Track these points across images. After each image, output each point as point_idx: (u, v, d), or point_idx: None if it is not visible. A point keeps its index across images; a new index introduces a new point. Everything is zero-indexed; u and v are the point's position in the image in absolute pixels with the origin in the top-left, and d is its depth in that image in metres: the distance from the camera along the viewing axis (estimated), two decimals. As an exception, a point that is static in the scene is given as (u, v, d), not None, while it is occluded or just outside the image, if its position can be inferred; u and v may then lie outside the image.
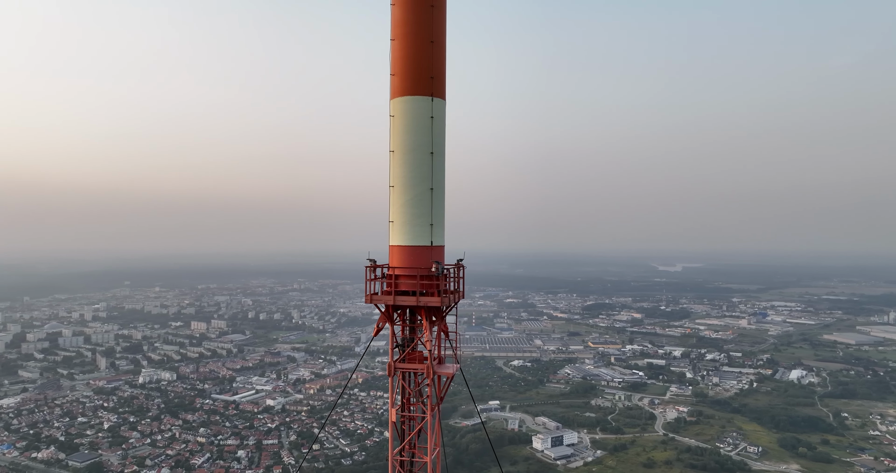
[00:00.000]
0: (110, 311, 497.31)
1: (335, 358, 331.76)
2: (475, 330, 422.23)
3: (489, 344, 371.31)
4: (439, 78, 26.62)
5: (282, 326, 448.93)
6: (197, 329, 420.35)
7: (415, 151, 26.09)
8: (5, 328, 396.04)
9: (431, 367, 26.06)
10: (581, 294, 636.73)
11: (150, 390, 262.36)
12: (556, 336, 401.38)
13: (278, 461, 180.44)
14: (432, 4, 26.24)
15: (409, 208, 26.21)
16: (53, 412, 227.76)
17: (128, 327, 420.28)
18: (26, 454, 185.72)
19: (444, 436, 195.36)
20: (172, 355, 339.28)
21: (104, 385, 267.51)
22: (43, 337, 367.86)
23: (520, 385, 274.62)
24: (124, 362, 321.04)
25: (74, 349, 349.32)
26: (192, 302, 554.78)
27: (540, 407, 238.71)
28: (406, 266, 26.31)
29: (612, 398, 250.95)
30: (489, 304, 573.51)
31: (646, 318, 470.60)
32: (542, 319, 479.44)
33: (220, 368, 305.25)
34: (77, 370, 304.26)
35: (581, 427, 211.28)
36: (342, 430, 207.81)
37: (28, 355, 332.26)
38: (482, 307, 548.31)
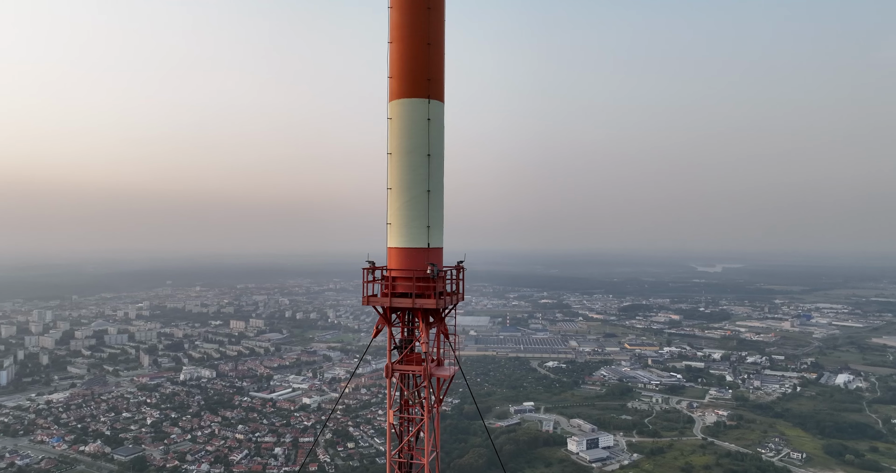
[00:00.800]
0: (153, 309, 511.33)
1: (370, 358, 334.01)
2: (509, 331, 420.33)
3: (524, 345, 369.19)
4: (437, 80, 26.57)
5: (318, 325, 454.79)
6: (236, 328, 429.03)
7: (411, 153, 26.11)
8: (55, 325, 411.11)
9: (428, 369, 26.03)
10: (617, 295, 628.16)
11: (190, 387, 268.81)
12: (591, 338, 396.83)
13: (314, 458, 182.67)
14: (429, 6, 26.17)
15: (406, 211, 26.23)
16: (100, 407, 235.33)
17: (170, 325, 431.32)
18: (74, 447, 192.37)
19: (478, 437, 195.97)
20: (212, 353, 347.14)
21: (147, 382, 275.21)
22: (90, 334, 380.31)
23: (554, 387, 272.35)
24: (166, 359, 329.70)
25: (119, 346, 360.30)
26: (231, 301, 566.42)
27: (575, 409, 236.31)
28: (403, 268, 26.33)
29: (649, 400, 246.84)
30: (524, 304, 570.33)
31: (684, 320, 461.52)
32: (578, 320, 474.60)
33: (257, 366, 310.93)
34: (122, 366, 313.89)
35: (617, 430, 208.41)
36: (377, 429, 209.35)
37: (76, 351, 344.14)
38: (516, 308, 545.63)
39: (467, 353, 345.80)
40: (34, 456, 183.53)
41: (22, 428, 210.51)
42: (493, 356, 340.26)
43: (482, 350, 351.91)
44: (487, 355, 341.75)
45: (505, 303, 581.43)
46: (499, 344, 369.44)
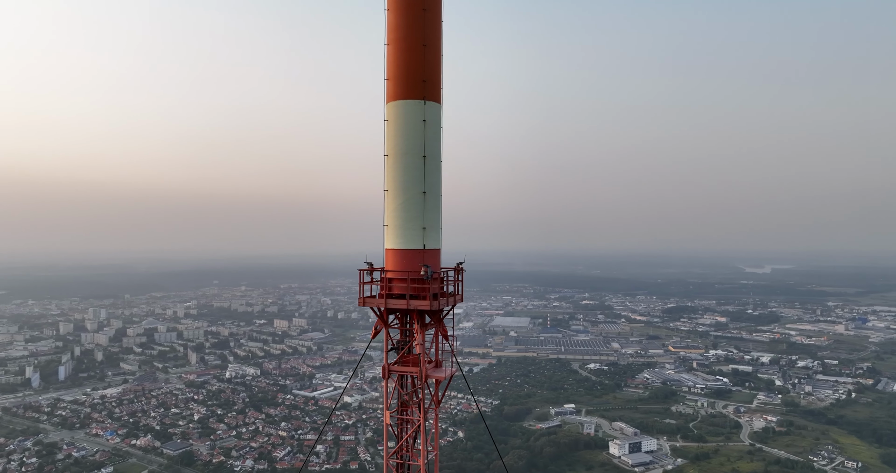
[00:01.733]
0: (200, 308, 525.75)
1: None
2: (550, 332, 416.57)
3: (564, 346, 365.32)
4: (433, 81, 26.55)
5: (359, 325, 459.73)
6: (279, 327, 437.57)
7: (407, 154, 26.16)
8: (109, 323, 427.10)
9: (423, 370, 25.97)
10: (661, 296, 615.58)
11: (235, 384, 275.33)
12: (634, 340, 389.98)
13: (354, 456, 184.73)
14: (425, 8, 26.13)
15: (402, 212, 26.28)
16: (150, 402, 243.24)
17: (216, 324, 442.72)
18: (126, 440, 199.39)
19: (518, 438, 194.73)
20: (256, 351, 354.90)
21: (195, 379, 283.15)
22: (141, 332, 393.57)
23: (596, 389, 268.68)
24: (213, 357, 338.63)
25: (168, 344, 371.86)
26: (275, 301, 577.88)
27: (617, 412, 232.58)
28: (399, 270, 26.34)
29: (694, 404, 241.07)
30: (565, 305, 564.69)
31: (731, 322, 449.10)
32: (620, 321, 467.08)
33: (300, 365, 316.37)
34: (171, 363, 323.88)
35: (660, 434, 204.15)
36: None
37: (128, 348, 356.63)
38: (557, 309, 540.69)
39: (507, 354, 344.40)
40: (90, 449, 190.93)
41: (78, 421, 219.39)
42: (533, 357, 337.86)
43: (522, 351, 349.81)
44: (528, 356, 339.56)
45: (545, 304, 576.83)
46: (539, 345, 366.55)
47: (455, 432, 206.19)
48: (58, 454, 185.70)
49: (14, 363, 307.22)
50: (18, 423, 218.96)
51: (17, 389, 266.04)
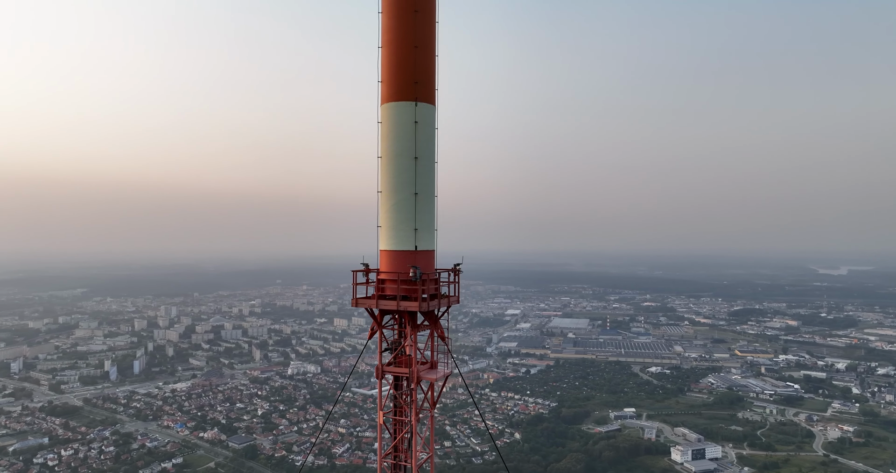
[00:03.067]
0: (264, 307, 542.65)
1: (467, 358, 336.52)
2: (609, 334, 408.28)
3: (624, 349, 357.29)
4: (425, 83, 26.44)
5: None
6: (339, 326, 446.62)
7: (399, 156, 26.19)
8: (179, 320, 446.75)
9: (415, 371, 25.94)
10: (727, 299, 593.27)
11: (297, 381, 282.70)
12: (698, 343, 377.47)
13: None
14: (416, 9, 26.06)
15: (394, 213, 26.33)
16: (216, 397, 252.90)
17: (279, 322, 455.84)
18: (195, 433, 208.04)
19: (576, 442, 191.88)
20: (317, 349, 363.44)
21: (258, 375, 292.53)
22: (209, 329, 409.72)
23: (657, 393, 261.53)
24: (276, 354, 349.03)
25: (234, 341, 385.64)
26: (335, 300, 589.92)
27: (679, 417, 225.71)
28: (391, 271, 26.40)
29: (762, 411, 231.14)
30: (625, 307, 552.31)
31: (802, 326, 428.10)
32: (683, 324, 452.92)
33: (359, 363, 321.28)
34: (236, 360, 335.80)
35: (726, 441, 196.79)
36: (473, 429, 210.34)
37: (197, 345, 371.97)
38: (617, 310, 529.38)
39: (565, 355, 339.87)
40: (161, 440, 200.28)
41: (151, 414, 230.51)
42: (592, 359, 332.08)
43: (581, 353, 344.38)
44: (586, 358, 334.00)
45: (605, 305, 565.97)
46: (598, 348, 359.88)
47: (512, 433, 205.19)
48: (133, 443, 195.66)
49: (94, 356, 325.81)
50: (98, 413, 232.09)
51: (97, 381, 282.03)
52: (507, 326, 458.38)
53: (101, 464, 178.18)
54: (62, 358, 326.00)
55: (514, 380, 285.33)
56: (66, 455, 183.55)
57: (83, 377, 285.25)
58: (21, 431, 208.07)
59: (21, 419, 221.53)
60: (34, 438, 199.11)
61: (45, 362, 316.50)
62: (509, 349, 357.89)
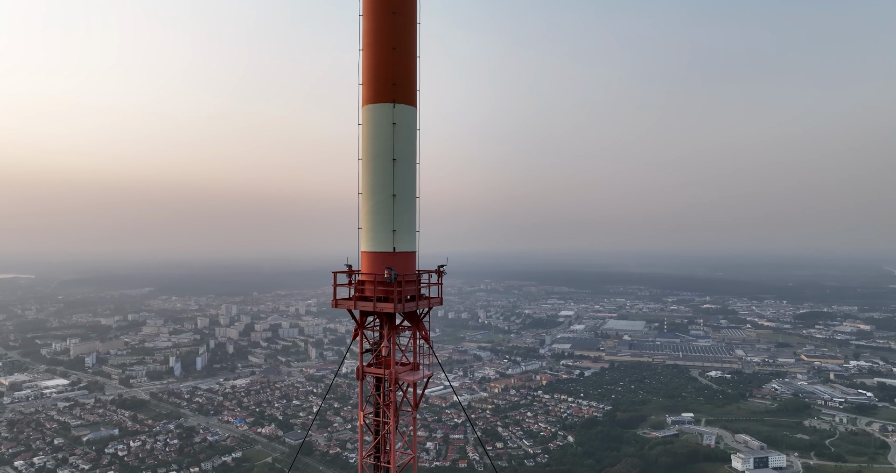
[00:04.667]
0: (319, 306, 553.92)
1: (520, 359, 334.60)
2: (667, 336, 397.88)
3: (682, 352, 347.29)
4: (403, 84, 26.35)
5: (468, 325, 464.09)
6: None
7: (377, 158, 26.23)
8: (239, 318, 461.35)
9: (393, 372, 25.91)
10: (793, 301, 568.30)
11: (351, 379, 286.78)
12: (761, 347, 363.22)
13: (463, 455, 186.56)
14: (394, 11, 25.99)
15: (373, 215, 26.40)
16: (274, 394, 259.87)
17: (333, 321, 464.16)
18: (253, 428, 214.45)
19: (631, 446, 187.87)
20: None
21: (314, 373, 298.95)
22: (267, 328, 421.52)
23: (717, 398, 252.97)
24: (330, 353, 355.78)
25: (291, 339, 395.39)
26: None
27: (740, 423, 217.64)
28: (370, 272, 26.41)
29: (831, 420, 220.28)
30: (683, 309, 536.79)
31: (876, 330, 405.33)
32: (745, 327, 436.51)
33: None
34: (293, 358, 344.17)
35: (791, 450, 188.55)
36: (525, 431, 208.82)
37: (255, 343, 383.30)
38: (675, 313, 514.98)
39: (621, 358, 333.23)
40: (221, 434, 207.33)
41: (212, 409, 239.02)
42: (648, 362, 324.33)
43: (637, 356, 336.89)
44: (642, 361, 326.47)
45: (662, 307, 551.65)
46: (655, 351, 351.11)
47: (565, 436, 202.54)
48: (195, 437, 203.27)
49: (160, 353, 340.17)
50: (164, 407, 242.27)
51: (162, 376, 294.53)
52: (561, 327, 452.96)
53: (166, 456, 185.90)
54: (131, 354, 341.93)
55: (567, 382, 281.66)
56: (134, 446, 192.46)
57: (150, 373, 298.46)
58: (94, 422, 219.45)
59: (94, 410, 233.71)
60: (106, 429, 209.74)
61: (115, 357, 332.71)
62: (563, 351, 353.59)
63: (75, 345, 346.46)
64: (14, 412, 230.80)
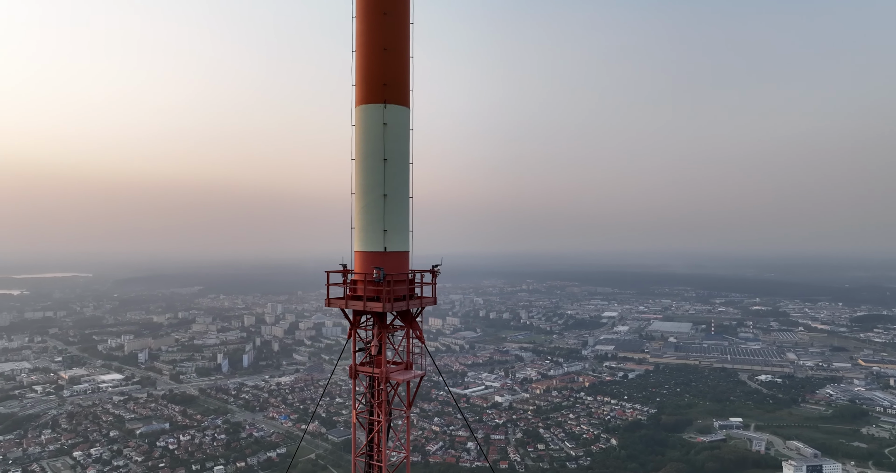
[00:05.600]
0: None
1: (562, 360, 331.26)
2: (714, 339, 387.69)
3: (731, 355, 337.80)
4: (395, 85, 26.47)
5: (510, 325, 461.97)
6: (434, 325, 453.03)
7: (368, 158, 26.46)
8: (284, 317, 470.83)
9: (384, 371, 26.08)
10: (849, 304, 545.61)
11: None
12: (814, 351, 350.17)
13: (504, 456, 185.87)
14: (385, 12, 26.09)
15: (364, 215, 26.61)
16: (317, 391, 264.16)
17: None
18: (297, 425, 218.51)
19: (676, 450, 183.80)
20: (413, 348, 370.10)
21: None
22: (311, 326, 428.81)
23: (767, 403, 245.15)
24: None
25: (334, 338, 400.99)
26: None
27: (792, 430, 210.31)
28: (362, 272, 26.64)
29: (891, 427, 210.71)
30: (731, 311, 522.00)
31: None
32: (798, 330, 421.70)
33: (453, 362, 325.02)
34: (335, 356, 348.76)
35: (847, 458, 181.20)
36: (567, 433, 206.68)
37: (300, 341, 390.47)
38: (723, 315, 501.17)
39: (666, 360, 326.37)
40: (267, 430, 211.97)
41: (258, 405, 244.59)
42: (695, 365, 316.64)
43: (683, 358, 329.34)
44: (689, 364, 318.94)
45: (710, 309, 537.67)
46: (702, 353, 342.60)
47: (608, 439, 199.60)
48: (242, 432, 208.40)
49: (209, 350, 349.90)
50: (212, 403, 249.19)
51: (210, 373, 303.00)
52: (604, 328, 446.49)
53: (214, 450, 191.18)
54: (181, 351, 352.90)
55: (610, 384, 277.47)
56: (183, 440, 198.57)
57: (199, 369, 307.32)
58: (146, 416, 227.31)
59: (146, 405, 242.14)
60: (157, 423, 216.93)
61: (166, 353, 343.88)
62: (606, 353, 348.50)
63: (129, 341, 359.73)
64: (73, 405, 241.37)
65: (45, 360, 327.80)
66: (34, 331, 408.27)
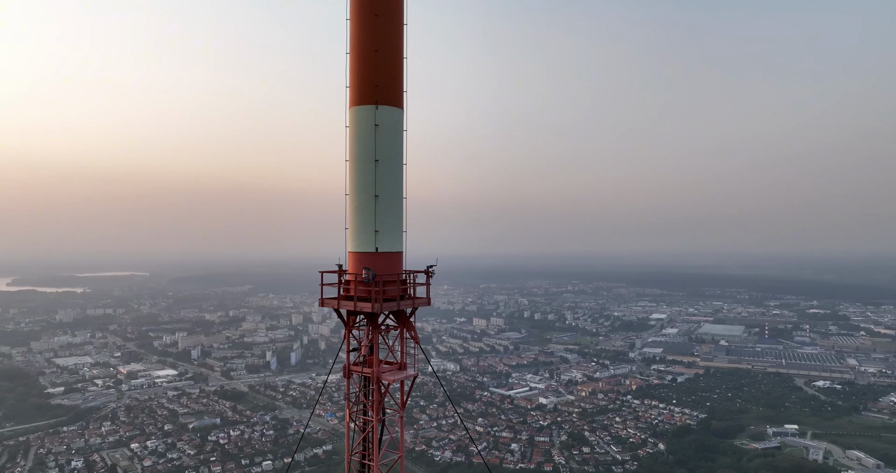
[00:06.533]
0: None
1: (608, 362, 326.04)
2: (768, 342, 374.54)
3: (786, 360, 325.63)
4: (387, 86, 26.62)
5: (555, 326, 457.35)
6: (478, 325, 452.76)
7: (360, 159, 26.69)
8: (331, 316, 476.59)
9: (376, 371, 26.35)
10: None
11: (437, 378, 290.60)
12: (877, 356, 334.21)
13: (549, 458, 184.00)
14: (376, 14, 26.32)
15: (357, 216, 26.91)
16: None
17: (420, 320, 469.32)
18: (343, 422, 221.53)
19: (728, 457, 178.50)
20: (456, 348, 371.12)
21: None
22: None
23: (825, 410, 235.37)
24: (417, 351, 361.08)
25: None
26: (475, 300, 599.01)
27: (852, 439, 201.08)
28: (354, 272, 26.85)
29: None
30: (787, 314, 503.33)
31: None
32: (859, 334, 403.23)
33: (497, 363, 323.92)
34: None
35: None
36: (613, 436, 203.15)
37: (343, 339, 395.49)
38: (778, 318, 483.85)
39: (717, 364, 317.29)
40: (313, 427, 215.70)
41: (305, 402, 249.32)
42: (747, 369, 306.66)
43: (734, 362, 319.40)
44: (741, 368, 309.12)
45: (763, 311, 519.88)
46: (755, 357, 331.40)
47: (655, 443, 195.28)
48: (289, 429, 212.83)
49: (258, 347, 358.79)
50: (260, 399, 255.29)
51: (259, 370, 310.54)
52: (652, 331, 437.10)
53: (262, 446, 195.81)
54: (231, 348, 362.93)
55: (658, 388, 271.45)
56: (234, 435, 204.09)
57: (248, 366, 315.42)
58: (199, 411, 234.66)
59: (199, 400, 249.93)
60: (209, 418, 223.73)
61: (218, 350, 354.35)
62: (654, 355, 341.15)
63: (183, 338, 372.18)
64: (131, 399, 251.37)
65: (105, 355, 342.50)
66: (95, 327, 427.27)
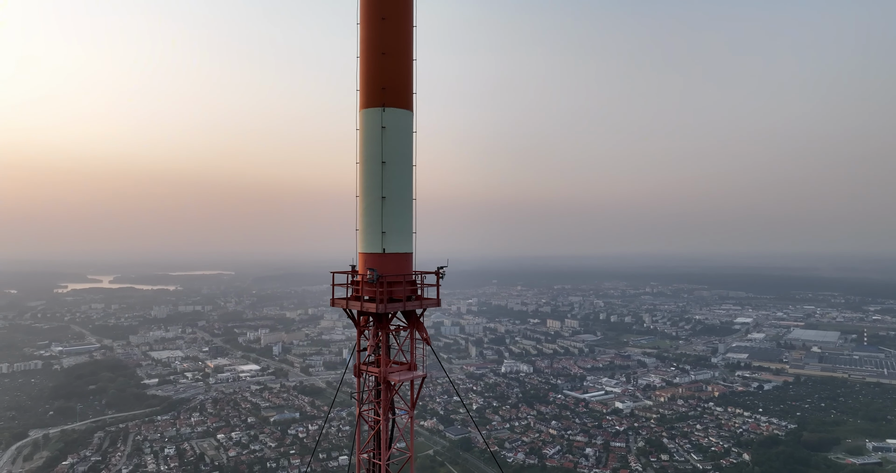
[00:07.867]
0: (480, 306, 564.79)
1: (688, 367, 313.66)
2: (867, 350, 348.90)
3: (888, 369, 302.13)
4: (395, 88, 26.95)
5: (632, 329, 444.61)
6: (552, 327, 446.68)
7: (368, 161, 27.10)
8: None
9: (383, 371, 26.77)
10: None
11: (510, 379, 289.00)
12: None
13: (625, 464, 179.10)
14: (383, 17, 26.66)
15: (365, 217, 27.32)
16: (436, 389, 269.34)
17: (493, 320, 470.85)
18: (416, 421, 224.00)
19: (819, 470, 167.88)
20: (530, 349, 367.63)
21: (474, 371, 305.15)
22: (430, 325, 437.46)
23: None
24: (490, 351, 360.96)
25: (452, 337, 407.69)
26: (549, 301, 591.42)
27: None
28: (362, 273, 27.35)
29: None
30: (890, 319, 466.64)
31: None
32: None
33: (571, 365, 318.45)
34: (454, 355, 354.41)
35: None
36: (694, 444, 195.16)
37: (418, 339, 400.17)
38: (879, 324, 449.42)
39: (808, 372, 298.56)
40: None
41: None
42: (843, 378, 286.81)
43: (828, 371, 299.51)
44: (836, 377, 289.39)
45: (862, 317, 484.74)
46: (852, 365, 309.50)
47: (739, 453, 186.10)
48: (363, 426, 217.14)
49: (335, 345, 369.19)
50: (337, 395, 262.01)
51: (336, 367, 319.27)
52: (737, 335, 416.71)
53: (339, 441, 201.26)
54: (310, 345, 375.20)
55: (743, 395, 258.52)
56: (312, 430, 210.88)
57: (326, 363, 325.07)
58: (279, 405, 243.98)
59: (279, 394, 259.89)
60: (289, 412, 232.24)
61: (297, 347, 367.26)
62: (738, 361, 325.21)
63: (265, 335, 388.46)
64: (217, 392, 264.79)
65: (194, 349, 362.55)
66: (186, 323, 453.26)
